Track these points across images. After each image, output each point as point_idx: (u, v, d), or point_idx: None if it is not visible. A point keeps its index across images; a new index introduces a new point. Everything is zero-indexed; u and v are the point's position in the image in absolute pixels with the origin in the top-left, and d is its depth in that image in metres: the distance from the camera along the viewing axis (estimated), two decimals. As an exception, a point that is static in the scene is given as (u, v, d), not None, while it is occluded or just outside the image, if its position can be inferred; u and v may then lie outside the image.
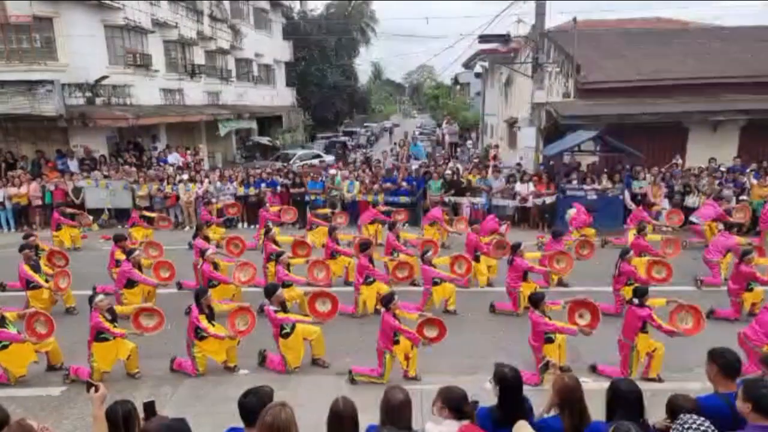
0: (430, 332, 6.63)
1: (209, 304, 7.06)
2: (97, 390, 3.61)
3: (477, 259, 9.90)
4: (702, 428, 2.90)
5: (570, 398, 3.44)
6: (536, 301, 6.67)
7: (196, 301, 6.90)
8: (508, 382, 3.59)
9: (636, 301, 6.58)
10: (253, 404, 3.28)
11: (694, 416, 2.99)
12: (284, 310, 7.07)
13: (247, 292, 9.38)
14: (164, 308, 8.96)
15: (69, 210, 13.78)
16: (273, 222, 12.73)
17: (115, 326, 6.73)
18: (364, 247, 9.07)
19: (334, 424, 3.25)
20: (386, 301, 6.63)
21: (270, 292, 6.98)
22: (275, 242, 10.05)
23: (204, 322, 6.80)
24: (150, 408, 3.63)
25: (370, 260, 8.98)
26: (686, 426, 2.93)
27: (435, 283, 8.74)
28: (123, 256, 9.74)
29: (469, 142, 33.11)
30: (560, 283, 10.03)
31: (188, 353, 7.00)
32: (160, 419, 3.50)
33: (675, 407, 3.39)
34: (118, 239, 10.16)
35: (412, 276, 9.50)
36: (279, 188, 15.30)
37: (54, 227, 13.08)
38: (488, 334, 8.20)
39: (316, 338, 7.16)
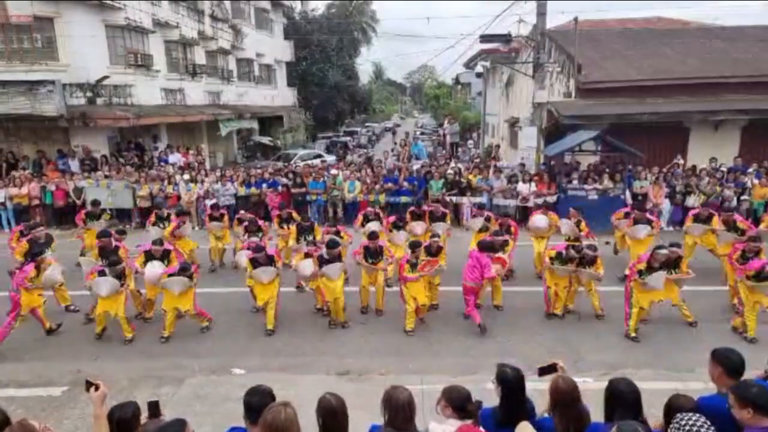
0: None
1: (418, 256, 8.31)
2: (97, 389, 3.59)
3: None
4: (699, 428, 2.87)
5: (563, 401, 3.42)
6: (485, 247, 8.29)
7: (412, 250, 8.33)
8: (510, 383, 3.57)
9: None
10: (256, 403, 3.28)
11: (691, 414, 2.95)
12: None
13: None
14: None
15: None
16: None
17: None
18: (372, 236, 9.06)
19: (328, 421, 3.25)
20: (413, 246, 8.31)
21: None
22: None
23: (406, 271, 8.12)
24: (154, 408, 3.61)
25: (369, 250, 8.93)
26: (683, 425, 2.90)
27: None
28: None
29: (470, 141, 33.08)
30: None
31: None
32: (159, 421, 3.49)
33: (674, 407, 3.36)
34: (181, 213, 11.15)
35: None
36: (280, 188, 15.30)
37: (80, 221, 11.86)
38: (490, 334, 8.19)
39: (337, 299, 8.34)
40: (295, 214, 11.47)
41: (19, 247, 9.39)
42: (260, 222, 10.84)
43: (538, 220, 10.66)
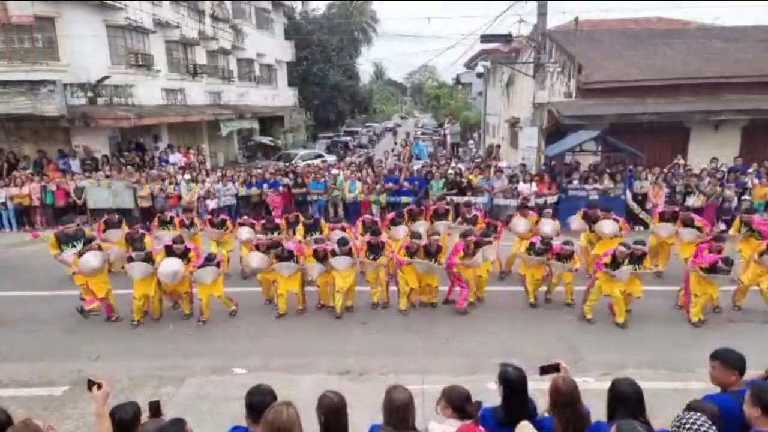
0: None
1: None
2: (99, 387, 3.60)
3: None
4: (700, 426, 2.87)
5: (561, 401, 3.40)
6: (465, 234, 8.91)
7: None
8: (513, 383, 3.56)
9: None
10: (258, 402, 3.28)
11: (692, 413, 2.95)
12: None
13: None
14: (164, 309, 9.08)
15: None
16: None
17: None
18: (374, 232, 9.23)
19: (330, 419, 3.25)
20: (414, 236, 8.93)
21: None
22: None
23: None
24: (155, 408, 3.61)
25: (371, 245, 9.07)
26: (683, 423, 2.90)
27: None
28: None
29: (471, 141, 33.10)
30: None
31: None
32: (160, 421, 3.48)
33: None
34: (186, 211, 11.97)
35: None
36: (281, 188, 15.30)
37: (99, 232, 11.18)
38: (490, 334, 8.20)
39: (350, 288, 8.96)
40: (302, 217, 11.40)
41: (49, 242, 9.76)
42: (278, 220, 10.97)
43: (519, 224, 10.66)
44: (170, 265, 8.45)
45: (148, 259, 8.63)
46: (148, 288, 8.61)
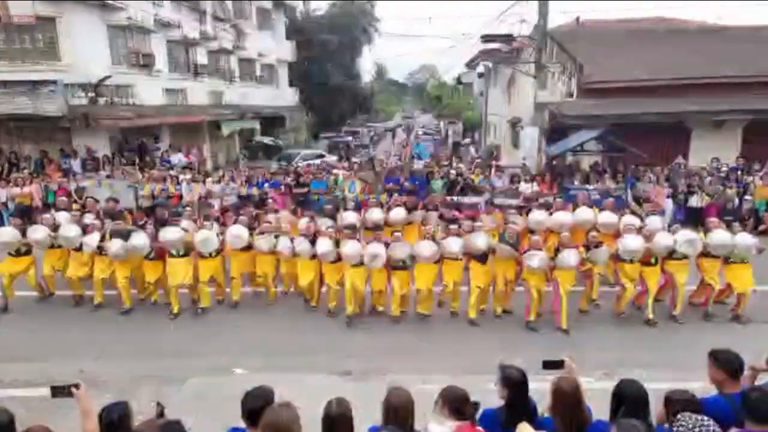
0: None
1: None
2: (78, 387, 3.58)
3: None
4: (707, 428, 2.87)
5: (562, 403, 3.38)
6: None
7: None
8: (514, 384, 3.55)
9: None
10: (255, 405, 3.26)
11: (698, 416, 2.95)
12: None
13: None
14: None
15: None
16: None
17: None
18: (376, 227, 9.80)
19: (326, 428, 3.25)
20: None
21: None
22: None
23: None
24: (161, 410, 3.60)
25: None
26: (690, 427, 2.89)
27: None
28: None
29: (467, 140, 33.06)
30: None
31: None
32: (152, 422, 3.45)
33: (673, 401, 3.38)
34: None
35: None
36: (283, 188, 15.28)
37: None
38: (490, 334, 8.19)
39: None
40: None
41: None
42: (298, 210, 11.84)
43: (486, 220, 10.66)
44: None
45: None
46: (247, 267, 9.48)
